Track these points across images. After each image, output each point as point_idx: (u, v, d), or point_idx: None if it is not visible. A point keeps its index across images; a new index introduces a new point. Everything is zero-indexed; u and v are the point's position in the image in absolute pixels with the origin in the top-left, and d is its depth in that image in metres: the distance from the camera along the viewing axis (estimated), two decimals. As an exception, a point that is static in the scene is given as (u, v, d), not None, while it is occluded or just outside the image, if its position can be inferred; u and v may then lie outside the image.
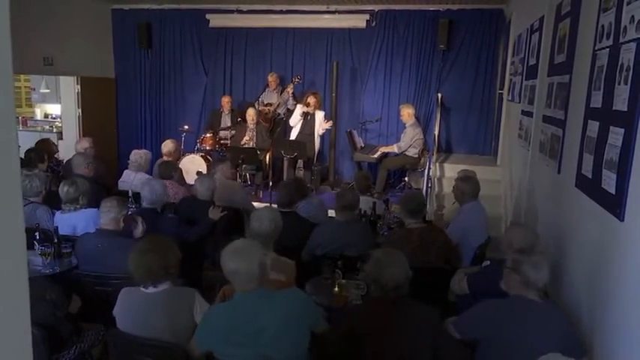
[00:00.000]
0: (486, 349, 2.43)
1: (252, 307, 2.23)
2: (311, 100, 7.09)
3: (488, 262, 3.12)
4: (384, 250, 2.50)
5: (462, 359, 2.41)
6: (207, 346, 2.27)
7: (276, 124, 7.81)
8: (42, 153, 5.39)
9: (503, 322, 2.39)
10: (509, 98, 6.31)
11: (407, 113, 6.99)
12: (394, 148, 7.13)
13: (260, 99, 7.93)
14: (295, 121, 7.24)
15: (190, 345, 2.38)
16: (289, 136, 7.36)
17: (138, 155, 5.24)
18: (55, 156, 6.07)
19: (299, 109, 7.18)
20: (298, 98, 7.68)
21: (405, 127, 7.12)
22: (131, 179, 5.09)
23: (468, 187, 4.13)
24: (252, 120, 7.26)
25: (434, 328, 2.36)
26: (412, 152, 6.99)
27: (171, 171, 4.98)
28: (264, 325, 2.19)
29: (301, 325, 2.28)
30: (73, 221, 3.75)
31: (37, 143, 5.89)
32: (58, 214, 3.83)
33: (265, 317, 2.20)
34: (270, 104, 7.78)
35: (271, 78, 7.83)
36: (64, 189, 3.78)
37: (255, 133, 7.27)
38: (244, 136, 7.31)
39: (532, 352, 2.29)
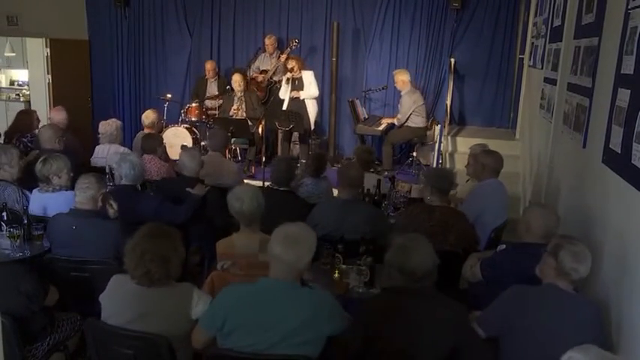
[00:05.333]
0: (511, 340, 2.46)
1: (277, 297, 2.27)
2: (291, 64, 7.04)
3: (503, 246, 3.13)
4: (405, 236, 2.49)
5: None
6: (213, 328, 2.29)
7: (272, 94, 7.74)
8: (17, 129, 5.35)
9: (530, 308, 2.41)
10: (531, 64, 6.27)
11: (401, 80, 6.90)
12: (394, 121, 7.10)
13: (255, 65, 7.85)
14: (284, 92, 7.20)
15: (193, 334, 2.41)
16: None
17: (107, 126, 5.20)
18: (35, 131, 6.02)
19: (284, 80, 7.13)
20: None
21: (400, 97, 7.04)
22: (105, 154, 5.07)
23: (491, 161, 4.11)
24: (239, 87, 7.21)
25: (459, 327, 2.36)
26: (417, 121, 6.89)
27: (155, 145, 4.96)
28: (282, 318, 2.23)
29: (319, 331, 2.30)
30: (46, 202, 3.74)
31: (18, 116, 5.82)
32: (35, 191, 3.83)
33: (287, 310, 2.24)
34: (266, 71, 7.71)
35: (269, 41, 7.72)
36: (36, 165, 3.77)
37: (243, 101, 7.22)
38: (232, 105, 7.27)
39: (558, 342, 2.33)
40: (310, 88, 7.12)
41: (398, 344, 2.30)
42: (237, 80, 7.21)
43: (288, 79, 7.09)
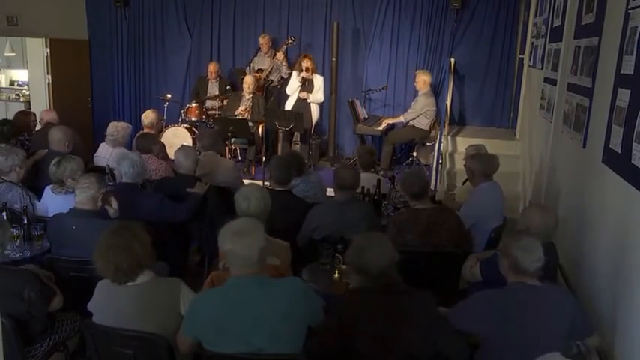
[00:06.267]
0: (488, 344, 2.48)
1: (249, 293, 2.25)
2: (307, 63, 7.06)
3: (503, 247, 3.14)
4: (364, 235, 2.51)
5: (460, 348, 2.44)
6: (196, 335, 2.29)
7: (269, 93, 7.75)
8: (17, 126, 5.36)
9: (501, 314, 2.42)
10: (531, 64, 6.27)
11: (422, 80, 6.93)
12: (400, 119, 7.11)
13: (251, 64, 7.86)
14: (293, 89, 7.20)
15: (177, 338, 2.39)
16: (284, 106, 7.33)
17: (115, 129, 5.21)
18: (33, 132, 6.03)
19: (295, 76, 7.15)
20: (292, 64, 7.62)
21: (416, 96, 7.07)
22: (108, 154, 5.07)
23: (478, 165, 4.05)
24: (249, 89, 7.20)
25: (429, 315, 2.38)
26: (423, 123, 6.94)
27: (150, 144, 4.96)
28: (260, 315, 2.21)
29: (301, 318, 2.30)
30: (61, 203, 3.69)
31: (15, 116, 5.83)
32: (47, 189, 3.84)
33: (262, 306, 2.22)
34: (262, 70, 7.72)
35: (262, 40, 7.72)
36: (50, 168, 3.78)
37: (251, 104, 7.23)
38: (238, 106, 7.26)
39: (536, 339, 2.34)
40: (318, 92, 7.18)
41: (373, 343, 2.30)
42: (248, 82, 7.18)
43: (303, 78, 7.10)
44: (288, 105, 7.26)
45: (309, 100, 7.14)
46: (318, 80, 7.18)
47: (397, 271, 2.43)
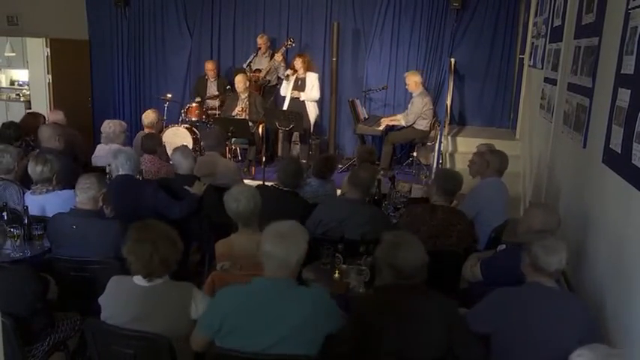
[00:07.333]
0: (501, 341, 2.47)
1: (275, 295, 2.26)
2: (297, 62, 7.06)
3: (503, 246, 3.14)
4: (395, 232, 2.51)
5: (478, 355, 2.44)
6: (211, 331, 2.29)
7: (267, 93, 7.76)
8: (21, 128, 5.36)
9: (517, 312, 2.42)
10: (531, 64, 6.28)
11: (413, 82, 6.93)
12: (400, 121, 7.11)
13: (250, 64, 7.86)
14: (285, 89, 7.21)
15: (192, 335, 2.40)
16: (282, 107, 7.33)
17: (107, 125, 5.22)
18: None
19: (286, 75, 7.17)
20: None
21: (411, 97, 7.09)
22: (105, 153, 5.07)
23: (496, 160, 4.17)
24: (240, 88, 7.20)
25: (451, 321, 2.38)
26: (422, 124, 6.95)
27: (155, 145, 4.96)
28: (282, 318, 2.21)
29: (321, 329, 2.30)
30: (44, 204, 3.72)
31: (24, 117, 5.85)
32: (27, 194, 3.81)
33: (286, 311, 2.23)
34: (259, 70, 7.71)
35: (260, 40, 7.72)
36: (36, 168, 3.71)
37: (247, 103, 7.22)
38: (236, 106, 7.27)
39: (548, 342, 2.34)
40: (312, 91, 7.15)
41: (393, 342, 2.31)
42: (240, 81, 7.18)
43: (288, 76, 7.10)
44: (285, 106, 7.25)
45: (302, 99, 7.12)
46: (311, 77, 7.14)
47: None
